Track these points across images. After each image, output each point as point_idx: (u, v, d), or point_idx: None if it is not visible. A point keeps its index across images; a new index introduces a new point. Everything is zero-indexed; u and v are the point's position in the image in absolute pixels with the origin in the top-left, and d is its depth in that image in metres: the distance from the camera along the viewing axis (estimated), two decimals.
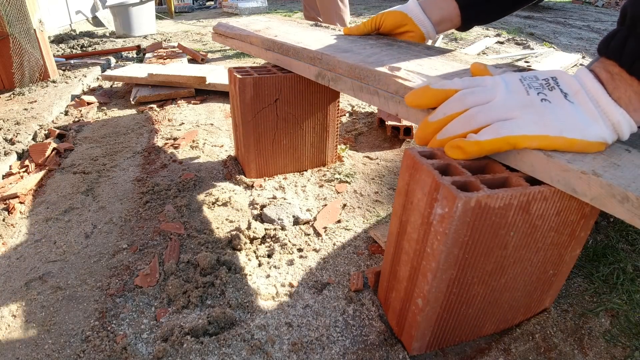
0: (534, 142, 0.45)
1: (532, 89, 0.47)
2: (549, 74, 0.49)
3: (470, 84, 0.52)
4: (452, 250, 0.48)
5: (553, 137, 0.44)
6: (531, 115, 0.46)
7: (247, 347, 0.63)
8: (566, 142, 0.44)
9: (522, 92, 0.48)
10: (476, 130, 0.48)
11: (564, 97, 0.46)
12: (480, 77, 0.53)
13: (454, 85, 0.52)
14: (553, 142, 0.44)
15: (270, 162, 1.10)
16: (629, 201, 0.38)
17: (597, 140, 0.44)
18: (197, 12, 5.94)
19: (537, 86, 0.48)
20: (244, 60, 2.58)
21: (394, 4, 5.64)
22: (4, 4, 1.72)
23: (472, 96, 0.50)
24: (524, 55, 2.57)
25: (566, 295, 0.73)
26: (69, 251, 0.85)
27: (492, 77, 0.51)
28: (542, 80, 0.49)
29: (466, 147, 0.47)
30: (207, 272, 0.76)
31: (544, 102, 0.46)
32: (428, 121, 0.53)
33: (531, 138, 0.45)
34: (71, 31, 3.58)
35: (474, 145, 0.47)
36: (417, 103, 0.55)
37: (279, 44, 0.94)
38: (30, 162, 1.22)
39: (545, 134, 0.44)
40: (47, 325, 0.67)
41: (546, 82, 0.48)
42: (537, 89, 0.47)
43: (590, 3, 6.78)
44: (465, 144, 0.47)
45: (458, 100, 0.50)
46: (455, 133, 0.50)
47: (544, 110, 0.46)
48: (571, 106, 0.46)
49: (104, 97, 1.88)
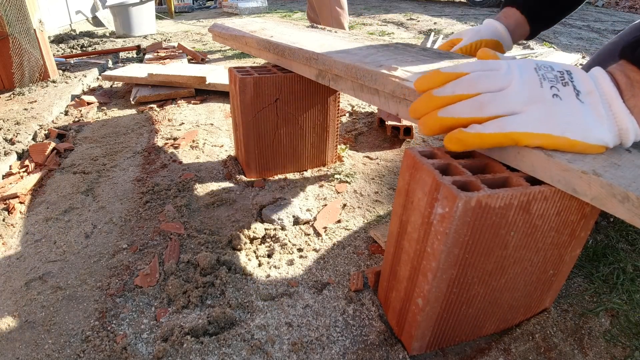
0: (536, 140, 0.44)
1: (546, 80, 0.46)
2: (565, 67, 0.48)
3: (484, 67, 0.49)
4: (452, 250, 0.48)
5: (556, 137, 0.43)
6: (539, 112, 0.44)
7: (247, 347, 0.63)
8: (568, 143, 0.43)
9: (536, 83, 0.46)
10: (482, 119, 0.46)
11: (576, 96, 0.45)
12: (495, 61, 0.50)
13: (467, 68, 0.50)
14: (555, 142, 0.44)
15: (270, 162, 1.10)
16: (630, 201, 0.38)
17: (598, 143, 0.44)
18: (197, 12, 5.94)
19: (551, 78, 0.46)
20: (244, 61, 2.58)
21: (393, 3, 5.63)
22: (4, 4, 1.72)
23: (485, 80, 0.47)
24: (524, 55, 2.57)
25: (566, 295, 0.73)
26: (69, 251, 0.85)
27: (507, 63, 0.49)
28: (557, 72, 0.47)
29: (467, 139, 0.46)
30: (207, 272, 0.76)
31: (555, 97, 0.45)
32: (432, 94, 0.49)
33: (534, 136, 0.44)
34: (71, 31, 3.58)
35: (475, 137, 0.45)
36: (427, 87, 0.51)
37: (274, 44, 0.94)
38: (30, 162, 1.22)
39: (549, 132, 0.44)
40: (47, 325, 0.67)
41: (561, 75, 0.46)
42: (551, 81, 0.46)
43: (590, 3, 6.79)
44: (467, 136, 0.46)
45: (471, 81, 0.48)
46: (460, 115, 0.47)
47: (552, 108, 0.44)
48: (580, 106, 0.44)
49: (104, 97, 1.88)
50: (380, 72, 0.64)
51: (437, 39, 3.05)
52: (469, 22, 3.85)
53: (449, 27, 3.54)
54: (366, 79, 0.67)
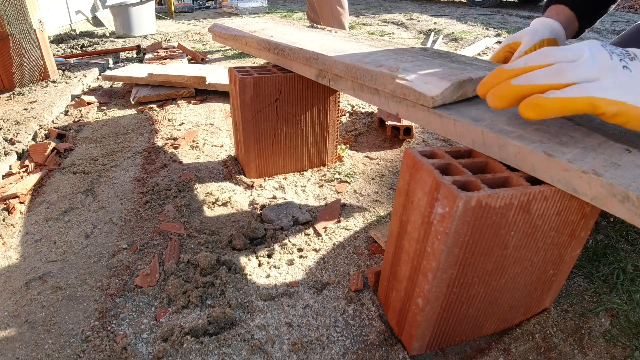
0: (613, 107, 0.44)
1: (615, 54, 0.46)
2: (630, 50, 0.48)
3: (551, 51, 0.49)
4: (452, 249, 0.48)
5: (630, 105, 0.43)
6: (614, 80, 0.44)
7: (247, 347, 0.63)
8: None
9: (606, 56, 0.46)
10: (560, 85, 0.45)
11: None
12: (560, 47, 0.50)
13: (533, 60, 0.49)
14: (629, 110, 0.43)
15: (270, 162, 1.10)
16: (630, 200, 0.38)
17: None
18: (197, 12, 5.94)
19: (618, 53, 0.46)
20: (244, 61, 2.58)
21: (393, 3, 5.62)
22: (4, 4, 1.72)
23: (559, 52, 0.47)
24: None
25: (566, 295, 0.72)
26: (69, 251, 0.85)
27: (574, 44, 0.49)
28: (623, 50, 0.47)
29: (547, 104, 0.44)
30: (207, 272, 0.76)
31: (625, 69, 0.45)
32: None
33: (612, 103, 0.44)
34: (71, 31, 3.58)
35: (556, 102, 0.44)
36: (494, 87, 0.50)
37: (274, 44, 0.94)
38: (30, 162, 1.22)
39: (624, 100, 0.43)
40: (47, 325, 0.67)
41: (627, 53, 0.47)
42: (619, 55, 0.46)
43: None
44: (546, 101, 0.44)
45: (543, 54, 0.48)
46: (536, 82, 0.46)
47: (624, 78, 0.45)
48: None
49: (104, 97, 1.88)
50: (380, 72, 0.64)
51: (437, 38, 3.05)
52: (469, 22, 3.85)
53: (449, 27, 3.54)
54: (366, 78, 0.67)
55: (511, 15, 4.56)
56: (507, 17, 4.38)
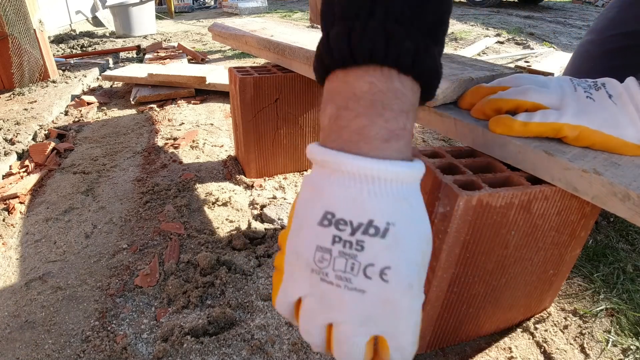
0: (575, 131, 0.46)
1: (580, 86, 0.50)
2: (599, 80, 0.52)
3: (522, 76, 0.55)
4: (453, 248, 0.48)
5: (592, 130, 0.45)
6: (575, 108, 0.47)
7: (247, 347, 0.63)
8: (603, 138, 0.45)
9: (571, 87, 0.50)
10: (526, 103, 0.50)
11: (609, 97, 0.48)
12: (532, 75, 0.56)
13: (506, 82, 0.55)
14: (591, 135, 0.45)
15: (270, 162, 1.10)
16: (630, 199, 0.38)
17: (634, 142, 0.45)
18: (197, 12, 5.95)
19: (584, 86, 0.50)
20: (244, 60, 2.58)
21: None
22: (4, 4, 1.72)
23: (528, 79, 0.53)
24: (524, 55, 2.57)
25: (566, 295, 0.72)
26: (69, 251, 0.85)
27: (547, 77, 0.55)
28: (591, 82, 0.52)
29: (514, 125, 0.48)
30: (207, 272, 0.76)
31: (588, 99, 0.48)
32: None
33: (573, 128, 0.46)
34: (71, 31, 3.58)
35: (522, 125, 0.48)
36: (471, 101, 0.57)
37: (274, 43, 0.94)
38: (30, 162, 1.22)
39: (586, 125, 0.46)
40: (47, 325, 0.67)
41: (594, 84, 0.51)
42: (584, 87, 0.50)
43: (590, 3, 6.79)
44: (514, 123, 0.48)
45: (514, 78, 0.54)
46: (508, 97, 0.51)
47: (587, 106, 0.48)
48: (613, 106, 0.47)
49: (104, 97, 1.88)
50: None
51: None
52: (469, 22, 3.85)
53: (449, 27, 3.54)
54: None
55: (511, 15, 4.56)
56: (507, 17, 4.39)
